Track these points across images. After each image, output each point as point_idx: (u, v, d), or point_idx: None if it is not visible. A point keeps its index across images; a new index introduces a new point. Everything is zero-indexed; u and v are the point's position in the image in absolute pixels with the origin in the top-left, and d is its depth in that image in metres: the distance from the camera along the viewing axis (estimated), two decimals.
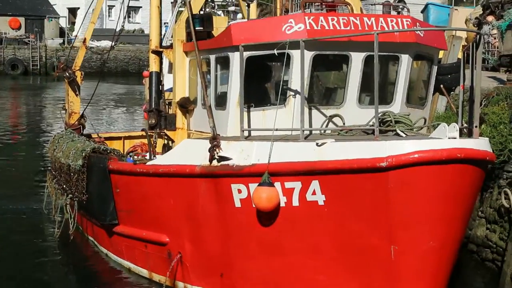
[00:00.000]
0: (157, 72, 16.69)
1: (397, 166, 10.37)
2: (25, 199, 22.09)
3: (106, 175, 15.06)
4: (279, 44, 11.88)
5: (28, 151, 33.99)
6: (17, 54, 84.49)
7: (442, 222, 10.60)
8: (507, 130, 15.32)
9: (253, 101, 12.93)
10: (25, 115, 50.44)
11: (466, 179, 10.53)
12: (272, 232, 11.90)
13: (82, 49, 21.01)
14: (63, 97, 59.54)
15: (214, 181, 12.50)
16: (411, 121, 12.01)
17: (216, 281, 13.14)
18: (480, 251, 16.20)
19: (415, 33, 12.62)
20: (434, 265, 10.81)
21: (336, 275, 11.52)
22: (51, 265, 16.29)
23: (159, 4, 17.01)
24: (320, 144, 11.20)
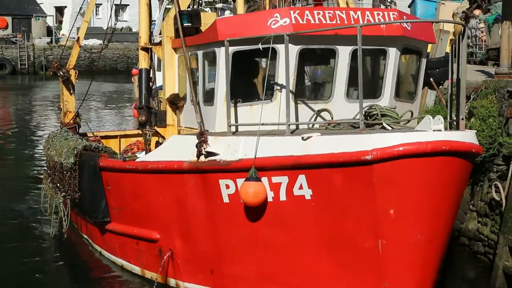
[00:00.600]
0: (146, 69, 16.62)
1: (382, 159, 10.31)
2: (19, 199, 22.07)
3: (97, 172, 15.02)
4: (263, 39, 11.80)
5: (18, 150, 33.86)
6: (5, 53, 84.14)
7: (429, 215, 10.53)
8: (496, 124, 15.33)
9: (240, 96, 12.87)
10: (14, 115, 50.22)
11: (452, 172, 10.46)
12: (261, 227, 11.86)
13: (76, 48, 20.94)
14: (51, 96, 60.29)
15: (202, 176, 12.45)
16: (397, 114, 11.91)
17: (207, 277, 13.11)
18: (471, 244, 16.24)
19: (402, 27, 12.52)
20: (422, 258, 10.73)
21: (325, 269, 11.46)
22: (45, 264, 16.24)
23: (148, 1, 16.95)
24: (306, 138, 11.15)
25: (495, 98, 15.70)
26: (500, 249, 14.23)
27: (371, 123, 11.63)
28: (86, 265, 16.33)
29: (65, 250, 17.28)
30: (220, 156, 12.13)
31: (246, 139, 11.91)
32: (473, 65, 24.95)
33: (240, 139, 12.09)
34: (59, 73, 19.66)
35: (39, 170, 28.16)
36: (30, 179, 25.99)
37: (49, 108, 52.54)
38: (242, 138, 12.07)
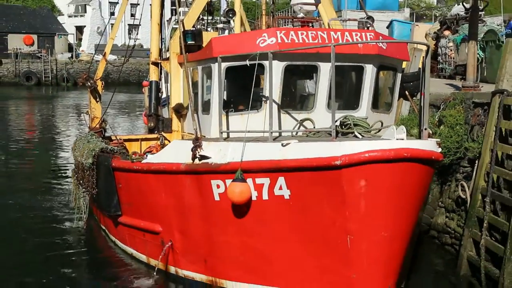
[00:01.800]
0: (156, 81, 16.75)
1: (350, 164, 10.25)
2: (43, 194, 22.03)
3: (110, 172, 15.05)
4: (250, 56, 11.80)
5: (41, 151, 33.80)
6: (31, 67, 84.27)
7: (392, 214, 10.47)
8: (463, 130, 15.37)
9: (233, 106, 12.91)
10: (39, 120, 50.26)
11: (412, 176, 10.39)
12: (246, 223, 11.84)
13: (102, 62, 21.12)
14: (71, 104, 60.08)
15: (196, 177, 12.43)
16: (368, 124, 11.85)
17: (201, 266, 13.11)
18: (440, 236, 16.28)
19: (378, 46, 12.49)
20: (386, 253, 10.68)
21: (301, 261, 11.43)
22: (66, 249, 16.30)
23: (159, 21, 17.11)
24: (285, 145, 11.11)
25: (462, 108, 15.74)
26: (465, 240, 14.27)
27: (345, 132, 11.58)
28: (102, 252, 16.33)
29: (84, 239, 17.33)
30: (212, 159, 12.13)
31: (234, 145, 11.89)
32: (443, 79, 24.99)
33: (229, 145, 12.08)
34: (87, 84, 19.81)
35: (60, 168, 28.25)
36: (52, 176, 25.98)
37: (69, 114, 52.62)
38: (231, 144, 12.05)
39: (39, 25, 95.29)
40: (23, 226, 18.14)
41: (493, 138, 13.66)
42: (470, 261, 14.02)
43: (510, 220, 12.55)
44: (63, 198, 21.26)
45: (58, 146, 35.57)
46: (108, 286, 13.93)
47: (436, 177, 16.29)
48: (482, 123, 14.81)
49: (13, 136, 39.22)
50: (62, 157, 31.52)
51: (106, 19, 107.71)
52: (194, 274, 13.34)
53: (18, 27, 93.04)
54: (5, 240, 17.04)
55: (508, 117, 13.58)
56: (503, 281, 12.45)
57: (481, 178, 14.00)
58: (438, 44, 27.36)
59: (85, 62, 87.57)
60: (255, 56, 11.70)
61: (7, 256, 15.76)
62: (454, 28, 26.77)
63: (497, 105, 13.68)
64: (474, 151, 14.79)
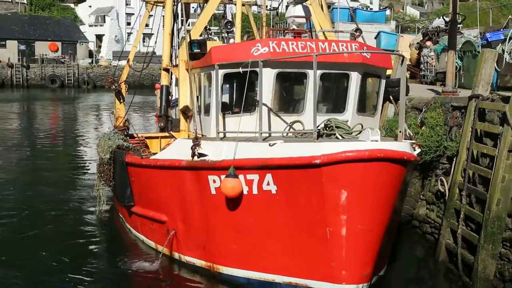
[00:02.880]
0: (166, 86, 16.75)
1: (329, 163, 10.19)
2: (66, 186, 22.13)
3: (124, 166, 15.06)
4: (243, 64, 11.73)
5: (64, 147, 33.83)
6: (56, 71, 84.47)
7: (367, 209, 10.38)
8: (442, 131, 15.33)
9: (231, 109, 12.84)
10: (62, 119, 50.33)
11: (386, 174, 10.30)
12: (239, 215, 11.76)
13: (126, 67, 21.28)
14: (91, 105, 60.22)
15: (196, 173, 12.36)
16: (349, 127, 11.71)
17: (200, 252, 13.05)
18: (421, 226, 16.24)
19: (362, 56, 12.38)
20: (363, 244, 10.60)
21: (287, 250, 11.36)
22: (87, 235, 16.38)
23: (170, 31, 17.11)
24: (272, 144, 11.07)
25: (441, 111, 15.70)
26: (443, 230, 14.25)
27: (328, 134, 11.46)
28: (118, 238, 16.33)
29: (104, 226, 17.38)
30: (208, 156, 12.08)
31: (228, 144, 11.83)
32: (425, 85, 24.91)
33: (223, 144, 12.01)
34: (112, 87, 19.85)
35: (81, 163, 28.26)
36: (75, 170, 26.00)
37: (89, 114, 52.66)
38: (225, 143, 11.99)
39: (63, 34, 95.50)
40: (49, 214, 18.16)
41: (469, 138, 13.63)
42: (448, 248, 13.99)
43: (484, 211, 12.53)
44: (86, 190, 21.24)
45: (79, 143, 35.56)
46: (119, 267, 13.90)
47: (418, 172, 16.28)
48: (460, 124, 14.78)
49: (39, 133, 39.30)
50: (83, 153, 31.50)
51: (123, 28, 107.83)
52: (195, 260, 13.28)
53: (44, 35, 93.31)
54: (34, 223, 17.17)
55: (482, 119, 13.55)
56: (477, 266, 12.42)
57: (458, 174, 13.97)
58: (420, 53, 27.28)
59: (104, 67, 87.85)
60: (248, 64, 11.62)
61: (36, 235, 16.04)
62: (435, 39, 26.69)
63: (473, 109, 13.65)
64: (452, 149, 14.76)
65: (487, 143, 13.28)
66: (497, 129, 12.76)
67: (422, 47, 27.22)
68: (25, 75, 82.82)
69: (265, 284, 11.88)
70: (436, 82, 24.15)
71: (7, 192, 21.00)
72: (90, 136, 37.97)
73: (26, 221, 17.45)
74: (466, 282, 12.85)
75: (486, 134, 13.42)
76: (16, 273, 13.39)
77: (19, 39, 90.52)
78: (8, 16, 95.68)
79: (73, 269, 13.59)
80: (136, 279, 13.44)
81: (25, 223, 17.28)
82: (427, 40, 27.26)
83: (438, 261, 14.21)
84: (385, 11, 53.80)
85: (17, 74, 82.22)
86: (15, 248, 15.23)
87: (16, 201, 19.85)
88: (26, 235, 16.18)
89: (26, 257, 14.42)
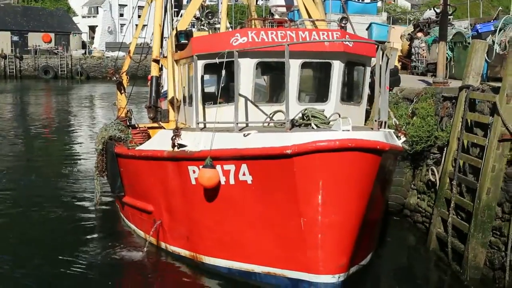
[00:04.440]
0: (156, 77, 16.66)
1: (299, 153, 10.07)
2: (62, 177, 22.07)
3: (114, 157, 15.05)
4: (220, 54, 11.55)
5: (58, 137, 33.68)
6: (49, 62, 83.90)
7: (340, 199, 10.24)
8: (433, 121, 15.36)
9: (212, 99, 12.56)
10: (55, 109, 50.10)
11: (358, 164, 10.13)
12: (218, 205, 11.65)
13: (127, 59, 21.10)
14: (85, 95, 60.02)
15: (176, 163, 12.27)
16: (325, 116, 11.53)
17: (185, 242, 12.99)
18: (412, 215, 16.31)
19: (343, 44, 12.15)
20: (337, 234, 10.45)
21: (264, 240, 11.26)
22: (82, 224, 16.46)
23: (160, 23, 16.99)
24: (246, 135, 10.97)
25: (432, 102, 15.72)
26: (434, 219, 14.31)
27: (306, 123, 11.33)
28: (111, 228, 16.31)
29: (100, 216, 17.38)
30: (188, 147, 11.99)
31: (206, 134, 11.69)
32: (416, 76, 24.92)
33: (201, 134, 11.90)
34: (113, 78, 19.77)
35: (77, 153, 28.14)
36: (71, 161, 25.86)
37: (83, 104, 52.44)
38: (203, 133, 11.86)
39: (56, 25, 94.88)
40: (45, 204, 18.12)
41: (459, 128, 13.67)
42: (438, 237, 14.05)
43: (474, 200, 12.58)
44: (83, 180, 21.23)
45: (74, 133, 35.44)
46: (109, 255, 13.91)
47: (409, 162, 16.31)
48: (450, 114, 14.81)
49: (33, 124, 39.12)
50: (78, 143, 31.38)
51: (116, 20, 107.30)
52: (179, 249, 13.22)
53: (37, 26, 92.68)
54: (30, 212, 17.19)
55: (473, 109, 13.58)
56: (467, 255, 12.49)
57: (449, 163, 14.01)
58: (412, 44, 27.27)
59: (97, 58, 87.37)
60: (225, 54, 11.41)
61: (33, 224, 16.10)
62: (426, 30, 26.67)
63: (463, 99, 13.68)
64: (443, 139, 14.79)
65: (478, 133, 13.32)
66: (487, 119, 12.80)
67: (413, 38, 27.20)
68: (18, 66, 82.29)
69: (245, 273, 11.81)
70: (427, 73, 24.16)
71: (1, 183, 20.93)
72: (84, 127, 37.84)
73: (21, 211, 17.41)
74: (456, 270, 12.92)
75: (476, 124, 13.45)
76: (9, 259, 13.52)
77: (12, 30, 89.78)
78: (1, 7, 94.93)
79: (62, 256, 13.64)
80: (123, 269, 13.42)
81: (20, 213, 17.24)
82: (418, 32, 27.23)
83: (429, 249, 14.28)
84: (376, 2, 53.62)
85: (10, 65, 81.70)
86: (10, 236, 15.27)
87: (11, 191, 19.79)
88: (21, 225, 16.18)
89: (21, 245, 14.46)
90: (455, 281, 12.78)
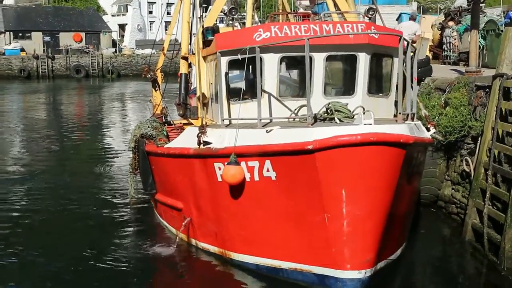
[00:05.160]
0: (185, 74, 16.67)
1: (321, 148, 9.96)
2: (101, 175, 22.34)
3: (145, 155, 15.19)
4: (242, 50, 11.48)
5: (90, 135, 34.09)
6: (80, 61, 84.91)
7: (364, 194, 10.12)
8: (466, 111, 15.21)
9: (238, 96, 12.32)
10: (87, 107, 50.75)
11: (382, 158, 9.97)
12: (243, 202, 11.61)
13: (161, 56, 21.22)
14: (116, 93, 60.67)
15: (203, 160, 12.27)
16: (349, 110, 11.32)
17: (213, 239, 13.00)
18: (447, 206, 16.17)
19: (368, 36, 11.89)
20: (362, 230, 10.31)
21: (288, 235, 11.18)
22: (116, 220, 16.62)
23: (189, 20, 17.03)
24: (269, 131, 10.90)
25: (465, 91, 15.56)
26: (469, 210, 14.16)
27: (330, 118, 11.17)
28: (145, 224, 16.44)
29: (135, 213, 17.50)
30: (213, 144, 11.97)
31: (231, 131, 11.64)
32: (448, 65, 24.68)
33: (226, 131, 11.86)
34: (148, 75, 19.93)
35: (110, 152, 28.42)
36: (102, 158, 26.12)
37: (113, 102, 52.97)
38: (227, 130, 11.83)
39: (86, 24, 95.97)
40: (80, 202, 18.38)
41: (494, 117, 13.50)
42: (474, 228, 13.91)
43: (510, 190, 12.42)
44: (118, 178, 21.40)
45: (103, 129, 35.84)
46: (141, 250, 14.05)
47: (442, 153, 16.16)
48: (484, 104, 14.63)
49: (67, 123, 39.66)
50: (111, 142, 31.67)
51: (145, 17, 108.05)
52: (209, 246, 13.25)
53: (68, 26, 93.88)
54: (65, 211, 17.44)
55: (507, 98, 13.40)
56: (504, 246, 12.34)
57: (484, 154, 13.85)
58: (443, 33, 27.00)
59: (127, 56, 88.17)
60: (247, 50, 11.34)
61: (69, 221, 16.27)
62: (458, 19, 26.38)
63: (497, 88, 13.50)
64: (477, 129, 14.64)
65: None
66: None
67: (444, 28, 26.94)
68: (50, 66, 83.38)
69: (272, 269, 11.78)
70: (459, 62, 23.90)
71: (37, 182, 21.25)
72: (117, 125, 38.25)
73: (56, 209, 17.65)
74: (493, 261, 12.77)
75: (511, 113, 13.28)
76: (46, 253, 13.86)
77: (43, 30, 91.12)
78: (32, 8, 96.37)
79: (96, 251, 13.89)
80: (154, 264, 13.49)
81: (55, 211, 17.48)
82: (450, 21, 26.96)
83: (465, 241, 14.14)
84: None
85: (43, 65, 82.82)
86: (47, 232, 15.63)
87: (47, 190, 20.07)
88: (57, 222, 16.46)
89: (57, 240, 14.75)
90: (492, 272, 12.64)
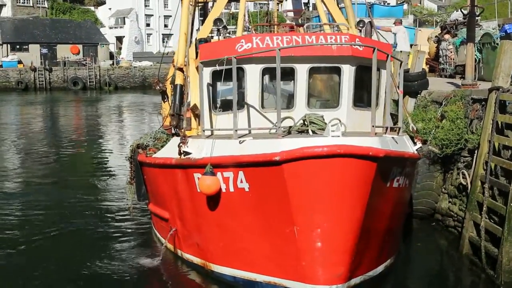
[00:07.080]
0: (180, 85, 16.68)
1: (288, 160, 9.86)
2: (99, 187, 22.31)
3: (138, 165, 15.23)
4: (219, 61, 11.41)
5: (88, 146, 33.99)
6: (77, 73, 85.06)
7: (334, 207, 9.93)
8: (463, 124, 15.21)
9: (223, 107, 12.26)
10: (85, 119, 50.74)
11: (350, 171, 9.78)
12: (220, 212, 11.52)
13: (171, 68, 21.24)
14: (113, 105, 60.61)
15: (184, 170, 12.23)
16: (324, 122, 11.00)
17: (196, 249, 12.92)
18: (444, 219, 16.15)
19: (352, 48, 11.68)
20: (332, 243, 10.14)
21: (262, 248, 11.08)
22: (114, 230, 16.69)
23: (186, 31, 17.02)
24: (242, 142, 10.87)
25: (461, 104, 15.58)
26: (466, 223, 14.13)
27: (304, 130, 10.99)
28: (142, 234, 16.39)
29: (131, 224, 17.41)
30: (192, 154, 11.95)
31: (208, 142, 11.62)
32: (444, 78, 24.72)
33: (204, 141, 11.82)
34: (157, 87, 20.00)
35: (105, 162, 28.40)
36: (100, 170, 26.11)
37: (111, 114, 52.95)
38: (206, 141, 11.78)
39: (84, 36, 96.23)
40: (78, 214, 18.38)
41: (490, 130, 13.50)
42: (471, 241, 13.87)
43: (507, 204, 12.39)
44: (115, 190, 21.39)
45: (100, 141, 35.78)
46: (128, 261, 14.03)
47: (439, 166, 16.16)
48: (480, 117, 14.65)
49: (64, 134, 39.59)
50: (109, 153, 31.62)
51: (142, 30, 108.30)
52: (192, 257, 13.16)
53: (65, 38, 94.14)
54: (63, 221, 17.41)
55: (503, 111, 13.41)
56: (501, 259, 12.30)
57: (480, 167, 13.84)
58: (439, 46, 27.07)
59: (124, 68, 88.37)
60: (230, 60, 11.23)
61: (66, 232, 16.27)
62: (454, 32, 26.47)
63: (493, 101, 13.52)
64: (473, 142, 14.64)
65: (509, 135, 13.15)
66: None
67: (440, 41, 27.01)
68: (47, 78, 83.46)
69: (248, 282, 11.65)
70: (455, 75, 23.96)
71: (35, 194, 21.17)
72: (114, 137, 38.20)
73: (55, 220, 17.58)
74: (490, 274, 12.73)
75: (507, 126, 13.29)
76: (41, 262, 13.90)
77: (41, 42, 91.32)
78: (30, 20, 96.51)
79: (92, 261, 13.91)
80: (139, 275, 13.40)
81: (54, 222, 17.41)
82: (446, 33, 27.05)
83: (462, 254, 14.09)
84: (402, 5, 53.48)
85: (40, 77, 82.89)
86: (43, 241, 15.67)
87: (45, 202, 20.00)
88: (55, 234, 16.38)
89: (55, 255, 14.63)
90: (489, 286, 12.58)
